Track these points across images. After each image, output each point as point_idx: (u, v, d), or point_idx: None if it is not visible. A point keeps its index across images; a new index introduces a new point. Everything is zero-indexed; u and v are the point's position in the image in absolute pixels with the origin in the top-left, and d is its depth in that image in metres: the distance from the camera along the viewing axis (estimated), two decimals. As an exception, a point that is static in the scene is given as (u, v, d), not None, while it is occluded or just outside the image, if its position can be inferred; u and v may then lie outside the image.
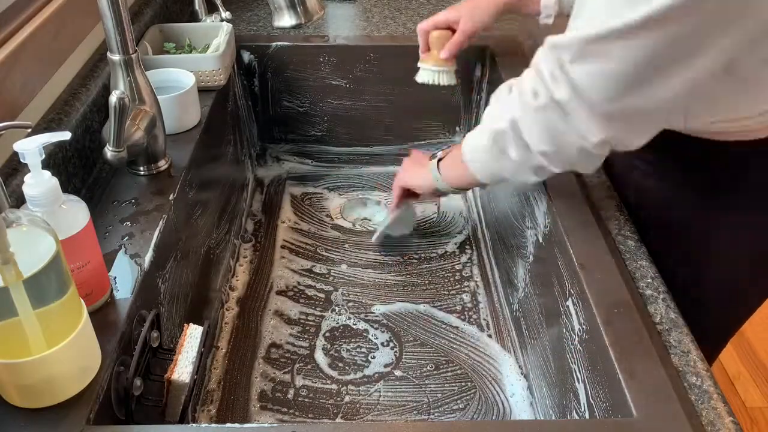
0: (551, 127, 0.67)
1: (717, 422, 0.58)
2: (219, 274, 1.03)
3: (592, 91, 0.63)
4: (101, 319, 0.65)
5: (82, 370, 0.59)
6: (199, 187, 0.94)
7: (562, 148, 0.68)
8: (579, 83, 0.63)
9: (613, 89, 0.62)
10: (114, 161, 0.77)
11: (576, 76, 0.63)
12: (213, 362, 0.94)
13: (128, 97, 0.74)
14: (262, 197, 1.28)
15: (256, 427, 0.74)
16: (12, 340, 0.54)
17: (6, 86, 0.72)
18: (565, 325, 0.76)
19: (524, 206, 0.93)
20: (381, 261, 1.13)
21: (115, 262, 0.73)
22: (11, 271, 0.51)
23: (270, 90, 1.28)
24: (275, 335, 0.99)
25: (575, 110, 0.65)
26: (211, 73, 1.04)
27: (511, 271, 1.00)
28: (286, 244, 1.16)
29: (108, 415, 0.61)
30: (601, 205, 0.82)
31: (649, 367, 0.62)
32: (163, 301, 0.78)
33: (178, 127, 0.95)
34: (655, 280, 0.72)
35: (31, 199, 0.58)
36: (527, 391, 0.90)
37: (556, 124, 0.67)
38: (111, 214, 0.80)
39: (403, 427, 0.65)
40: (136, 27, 1.05)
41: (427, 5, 1.39)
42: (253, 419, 0.87)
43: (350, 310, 1.03)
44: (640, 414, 0.58)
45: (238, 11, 1.34)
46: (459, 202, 1.27)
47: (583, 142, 0.66)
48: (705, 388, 0.61)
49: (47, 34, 0.81)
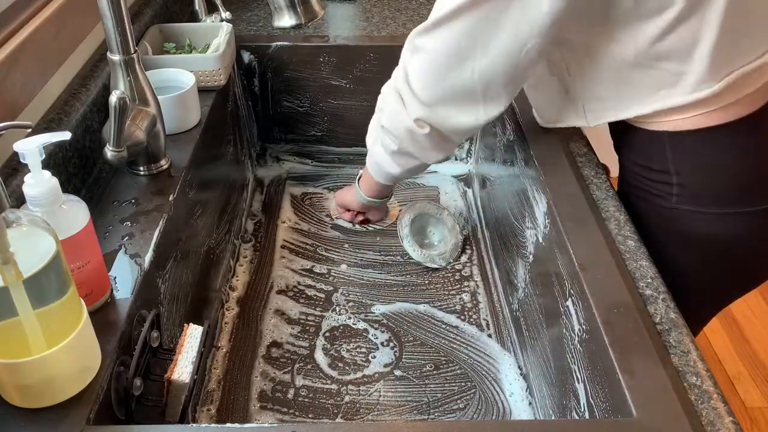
0: (393, 109, 0.84)
1: (717, 422, 0.58)
2: (219, 274, 1.03)
3: (414, 78, 0.80)
4: (101, 319, 0.65)
5: (82, 370, 0.59)
6: (199, 187, 0.94)
7: (396, 125, 0.85)
8: (410, 73, 0.80)
9: (430, 77, 0.78)
10: (114, 161, 0.77)
11: (409, 68, 0.80)
12: (213, 362, 0.94)
13: (128, 97, 0.74)
14: (262, 197, 1.28)
15: (256, 427, 0.74)
16: (12, 340, 0.54)
17: (6, 86, 0.72)
18: (565, 325, 0.76)
19: (524, 206, 0.93)
20: (381, 261, 1.13)
21: (115, 262, 0.73)
22: (11, 271, 0.51)
23: (270, 90, 1.28)
24: (275, 335, 0.99)
25: (404, 93, 0.82)
26: (211, 73, 1.04)
27: (511, 271, 1.00)
28: (286, 244, 1.16)
29: (108, 415, 0.61)
30: (601, 205, 0.82)
31: (649, 367, 0.62)
32: (163, 301, 0.78)
33: (178, 127, 0.95)
34: (655, 280, 0.72)
35: (31, 199, 0.58)
36: (527, 391, 0.90)
37: (395, 105, 0.84)
38: (111, 214, 0.80)
39: (403, 427, 0.65)
40: (136, 27, 1.05)
41: (427, 5, 1.39)
42: (253, 419, 0.87)
43: (350, 310, 1.03)
44: (640, 414, 0.58)
45: (238, 11, 1.34)
46: (459, 202, 1.27)
47: (407, 121, 0.83)
48: (705, 388, 0.61)
49: (47, 34, 0.81)
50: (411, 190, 1.30)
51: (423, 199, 1.23)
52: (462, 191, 1.30)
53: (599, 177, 0.88)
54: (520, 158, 0.96)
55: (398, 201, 1.26)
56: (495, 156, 1.13)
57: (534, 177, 0.89)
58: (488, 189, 1.19)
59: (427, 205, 1.17)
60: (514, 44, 0.72)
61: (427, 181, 1.32)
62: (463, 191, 1.30)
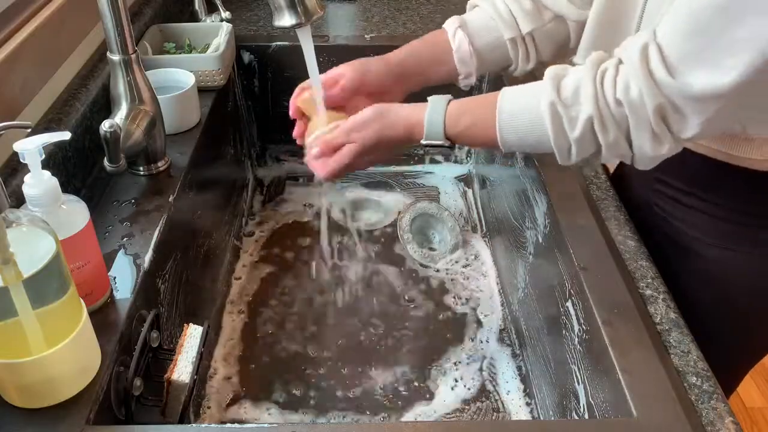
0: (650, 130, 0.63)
1: (717, 422, 0.58)
2: (219, 275, 1.03)
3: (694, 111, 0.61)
4: (101, 319, 0.65)
5: (82, 370, 0.59)
6: (199, 187, 0.94)
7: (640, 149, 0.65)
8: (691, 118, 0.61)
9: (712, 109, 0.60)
10: (114, 172, 0.77)
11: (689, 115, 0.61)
12: (213, 362, 0.94)
13: (119, 127, 0.74)
14: (262, 197, 1.28)
15: (256, 427, 0.74)
16: (12, 340, 0.54)
17: (6, 86, 0.72)
18: (565, 325, 0.76)
19: (524, 206, 0.93)
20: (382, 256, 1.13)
21: (115, 262, 0.73)
22: (11, 271, 0.51)
23: (270, 90, 1.28)
24: (275, 335, 0.99)
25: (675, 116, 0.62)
26: (211, 73, 1.04)
27: (511, 271, 1.00)
28: (286, 244, 1.16)
29: (108, 415, 0.61)
30: (601, 206, 0.82)
31: (649, 367, 0.62)
32: (163, 301, 0.78)
33: (178, 127, 0.95)
34: (655, 280, 0.72)
35: (31, 199, 0.58)
36: (527, 392, 0.90)
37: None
38: (111, 214, 0.80)
39: (403, 427, 0.65)
40: (136, 27, 1.05)
41: (427, 5, 1.39)
42: (253, 419, 0.87)
43: (350, 310, 1.03)
44: (640, 414, 0.58)
45: (238, 11, 1.34)
46: (459, 202, 1.27)
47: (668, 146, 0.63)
48: (705, 388, 0.61)
49: (47, 34, 0.81)
50: (411, 190, 1.30)
51: (423, 199, 1.23)
52: (462, 191, 1.30)
53: (599, 177, 0.88)
54: (520, 158, 0.96)
55: (398, 201, 1.26)
56: (495, 156, 1.13)
57: (534, 177, 0.89)
58: (488, 189, 1.19)
59: (428, 205, 1.17)
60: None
61: (427, 181, 1.32)
62: (463, 191, 1.30)
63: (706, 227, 0.78)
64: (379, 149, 0.75)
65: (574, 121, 0.64)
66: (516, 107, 0.69)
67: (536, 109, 0.66)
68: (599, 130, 0.64)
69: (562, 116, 0.65)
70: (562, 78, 0.66)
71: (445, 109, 0.72)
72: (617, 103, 0.62)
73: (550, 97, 0.65)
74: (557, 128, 0.65)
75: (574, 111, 0.65)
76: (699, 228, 0.79)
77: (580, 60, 0.78)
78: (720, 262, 0.78)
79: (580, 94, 0.64)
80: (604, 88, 0.63)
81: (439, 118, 0.72)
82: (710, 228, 0.78)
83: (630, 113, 0.62)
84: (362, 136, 0.73)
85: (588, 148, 0.66)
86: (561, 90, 0.65)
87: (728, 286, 0.80)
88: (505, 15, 0.81)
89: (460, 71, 0.83)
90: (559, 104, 0.65)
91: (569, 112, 0.65)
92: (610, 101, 0.63)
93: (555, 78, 0.66)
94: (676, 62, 0.59)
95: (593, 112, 0.63)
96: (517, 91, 0.70)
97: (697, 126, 0.61)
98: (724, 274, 0.79)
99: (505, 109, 0.69)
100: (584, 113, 0.64)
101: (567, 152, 0.67)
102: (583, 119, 0.64)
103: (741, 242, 0.77)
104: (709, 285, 0.81)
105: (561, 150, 0.67)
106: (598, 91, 0.63)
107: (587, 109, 0.63)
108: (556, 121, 0.65)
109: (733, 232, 0.77)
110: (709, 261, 0.79)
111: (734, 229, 0.77)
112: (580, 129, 0.64)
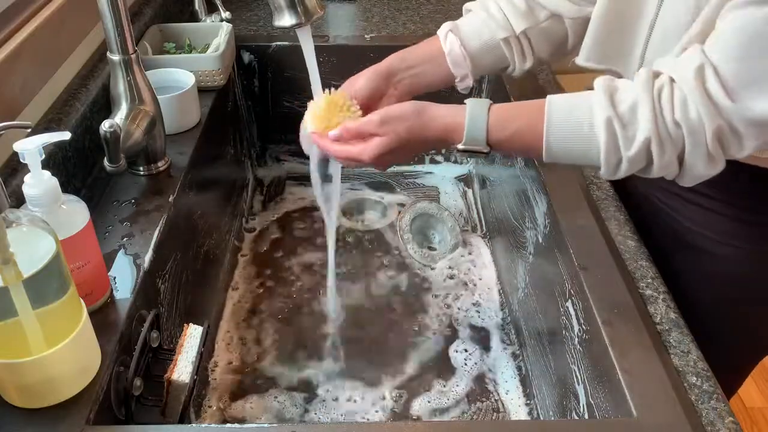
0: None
1: (717, 422, 0.58)
2: (219, 274, 1.03)
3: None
4: (101, 319, 0.65)
5: (82, 370, 0.59)
6: (199, 187, 0.94)
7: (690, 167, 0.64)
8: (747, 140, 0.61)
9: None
10: (114, 172, 0.77)
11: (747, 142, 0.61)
12: (213, 362, 0.94)
13: (119, 127, 0.74)
14: (262, 197, 1.28)
15: (256, 427, 0.74)
16: (12, 340, 0.54)
17: (6, 86, 0.72)
18: (565, 325, 0.76)
19: (524, 206, 0.93)
20: (382, 254, 1.13)
21: (115, 262, 0.73)
22: (11, 271, 0.51)
23: (270, 90, 1.28)
24: (276, 335, 0.99)
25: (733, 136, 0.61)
26: (211, 73, 1.04)
27: (511, 271, 1.00)
28: (286, 244, 1.16)
29: (108, 415, 0.61)
30: (601, 206, 0.82)
31: (649, 367, 0.62)
32: (163, 301, 0.78)
33: (178, 127, 0.95)
34: (655, 280, 0.72)
35: (31, 199, 0.58)
36: (527, 392, 0.90)
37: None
38: (111, 214, 0.80)
39: (403, 427, 0.65)
40: (136, 27, 1.05)
41: (427, 5, 1.39)
42: (253, 419, 0.87)
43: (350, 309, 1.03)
44: (640, 414, 0.58)
45: (238, 11, 1.34)
46: (459, 202, 1.27)
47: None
48: (705, 388, 0.61)
49: (47, 34, 0.81)
50: (411, 190, 1.30)
51: (423, 199, 1.23)
52: (462, 191, 1.30)
53: (599, 177, 0.88)
54: (520, 158, 0.96)
55: (398, 201, 1.26)
56: (495, 156, 1.13)
57: (534, 177, 0.89)
58: (488, 189, 1.19)
59: (428, 205, 1.17)
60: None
61: (427, 181, 1.32)
62: (463, 191, 1.30)
63: (709, 224, 0.78)
64: (408, 147, 0.70)
65: (631, 141, 0.63)
66: (567, 117, 0.65)
67: (589, 122, 0.64)
68: (656, 151, 0.62)
69: (618, 134, 0.63)
70: (615, 91, 0.64)
71: (487, 114, 0.67)
72: (676, 124, 0.61)
73: (606, 113, 0.62)
74: (611, 145, 0.63)
75: (631, 130, 0.62)
76: (701, 224, 0.79)
77: (582, 61, 0.78)
78: (721, 259, 0.78)
79: (637, 112, 0.62)
80: (662, 109, 0.61)
81: (482, 123, 0.67)
82: (712, 224, 0.78)
83: (688, 135, 0.61)
84: (395, 129, 0.69)
85: (638, 165, 0.64)
86: (617, 105, 0.63)
87: (729, 285, 0.80)
88: (497, 16, 0.81)
89: (455, 74, 0.83)
90: (615, 121, 0.62)
91: (626, 132, 0.62)
92: (669, 123, 0.61)
93: (608, 90, 0.64)
94: (735, 86, 0.59)
95: (652, 132, 0.61)
96: (566, 100, 0.67)
97: (752, 148, 0.61)
98: (725, 271, 0.79)
99: (554, 118, 0.65)
100: (642, 133, 0.62)
101: (615, 167, 0.65)
102: (641, 139, 0.62)
103: (743, 239, 0.77)
104: (710, 284, 0.81)
105: (609, 165, 0.64)
106: (657, 112, 0.61)
107: (645, 129, 0.61)
108: (611, 137, 0.63)
109: (734, 229, 0.77)
110: (710, 258, 0.79)
111: (736, 226, 0.77)
112: (636, 148, 0.62)
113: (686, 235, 0.80)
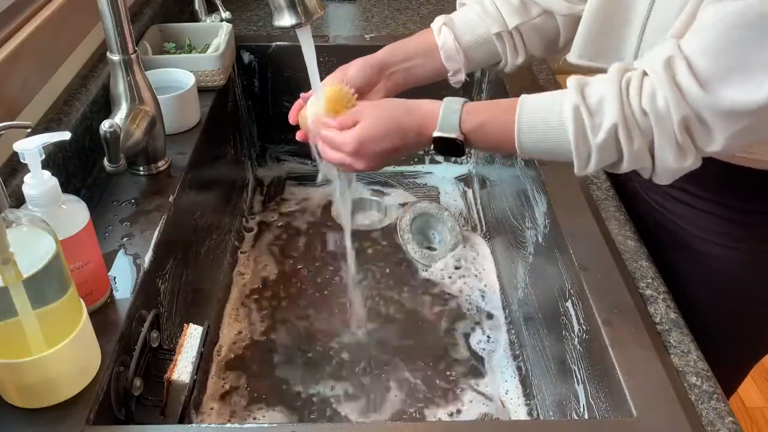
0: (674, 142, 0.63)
1: (717, 422, 0.58)
2: (219, 274, 1.03)
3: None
4: (101, 319, 0.65)
5: (82, 370, 0.59)
6: (199, 187, 0.94)
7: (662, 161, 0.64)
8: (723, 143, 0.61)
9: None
10: (114, 172, 0.77)
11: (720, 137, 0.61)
12: (213, 362, 0.94)
13: (119, 127, 0.74)
14: (262, 197, 1.28)
15: (256, 427, 0.74)
16: (12, 340, 0.54)
17: (6, 86, 0.72)
18: (565, 325, 0.76)
19: (524, 206, 0.93)
20: (382, 254, 1.13)
21: (115, 262, 0.73)
22: (11, 271, 0.51)
23: (270, 90, 1.28)
24: (276, 335, 0.99)
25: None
26: (211, 73, 1.04)
27: (511, 271, 1.00)
28: (286, 244, 1.16)
29: (108, 415, 0.61)
30: (601, 206, 0.82)
31: (649, 367, 0.62)
32: (163, 301, 0.78)
33: (178, 127, 0.95)
34: (655, 280, 0.72)
35: (31, 199, 0.58)
36: (527, 392, 0.90)
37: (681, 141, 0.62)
38: (111, 214, 0.80)
39: (403, 427, 0.65)
40: (136, 27, 1.05)
41: (427, 5, 1.39)
42: (253, 419, 0.87)
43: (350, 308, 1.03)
44: (640, 414, 0.58)
45: (238, 11, 1.34)
46: (459, 202, 1.27)
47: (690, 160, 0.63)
48: (705, 388, 0.61)
49: (47, 34, 0.81)
50: (411, 190, 1.30)
51: (423, 199, 1.23)
52: (462, 191, 1.30)
53: (599, 177, 0.88)
54: (520, 159, 0.96)
55: (398, 202, 1.26)
56: (495, 156, 1.13)
57: (534, 177, 0.89)
58: (488, 189, 1.19)
59: (428, 205, 1.17)
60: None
61: (427, 181, 1.32)
62: (463, 191, 1.30)
63: (701, 224, 0.78)
64: (388, 135, 0.71)
65: (598, 128, 0.63)
66: (537, 107, 0.67)
67: (558, 111, 0.65)
68: (623, 139, 0.62)
69: (586, 121, 0.63)
70: (585, 85, 0.65)
71: (461, 104, 0.71)
72: (643, 112, 0.62)
73: (574, 101, 0.63)
74: (579, 133, 0.64)
75: (598, 118, 0.63)
76: (694, 225, 0.79)
77: (573, 58, 0.78)
78: (717, 259, 0.78)
79: (605, 101, 0.63)
80: (630, 97, 0.62)
81: (455, 110, 0.70)
82: (705, 225, 0.78)
83: (655, 123, 0.61)
84: (375, 113, 0.72)
85: (609, 156, 0.64)
86: (586, 96, 0.64)
87: (726, 285, 0.80)
88: (491, 10, 0.82)
89: (448, 67, 0.83)
90: (583, 108, 0.63)
91: (593, 119, 0.63)
92: (636, 110, 0.62)
93: (579, 85, 0.65)
94: (708, 77, 0.59)
95: (618, 119, 0.62)
96: (539, 95, 0.69)
97: (722, 140, 0.60)
98: (721, 271, 0.79)
99: (525, 108, 0.67)
100: (609, 120, 0.62)
101: (586, 159, 0.65)
102: (608, 126, 0.62)
103: (736, 239, 0.77)
104: (710, 284, 0.81)
105: (580, 156, 0.65)
106: (623, 99, 0.62)
107: (612, 116, 0.62)
108: (578, 125, 0.64)
109: (727, 229, 0.77)
110: (706, 258, 0.79)
111: (729, 226, 0.77)
112: (604, 135, 0.63)
113: (682, 236, 0.80)
